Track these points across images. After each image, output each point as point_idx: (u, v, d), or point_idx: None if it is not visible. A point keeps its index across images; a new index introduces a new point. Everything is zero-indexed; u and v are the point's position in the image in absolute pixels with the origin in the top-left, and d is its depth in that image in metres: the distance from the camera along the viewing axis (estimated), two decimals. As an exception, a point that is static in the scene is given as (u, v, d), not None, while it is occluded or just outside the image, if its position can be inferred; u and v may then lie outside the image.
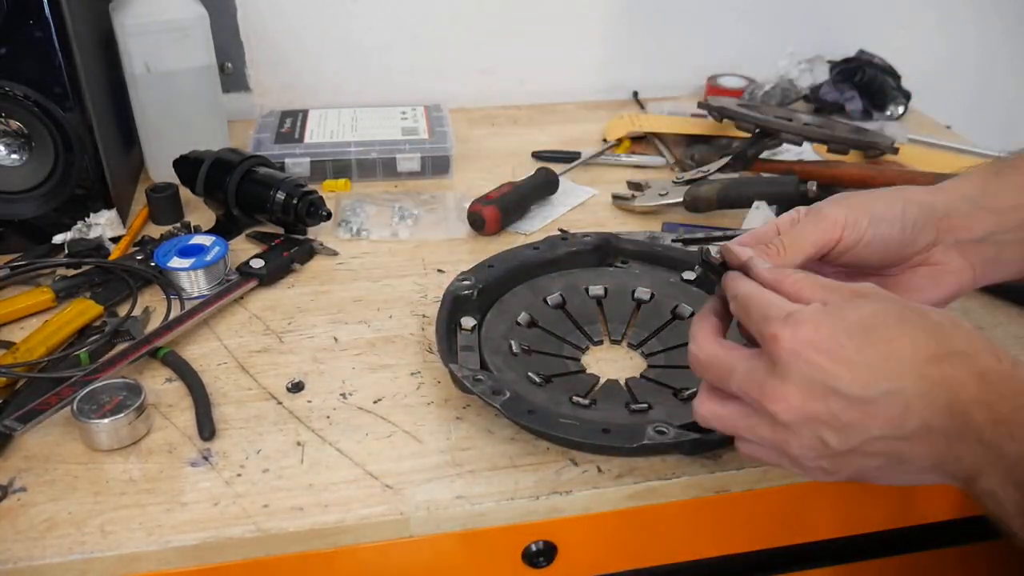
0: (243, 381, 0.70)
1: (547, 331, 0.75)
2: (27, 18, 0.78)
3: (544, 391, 0.67)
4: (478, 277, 0.76)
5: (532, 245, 0.81)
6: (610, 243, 0.82)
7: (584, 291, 0.79)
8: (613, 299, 0.78)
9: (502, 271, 0.77)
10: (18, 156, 0.86)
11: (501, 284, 0.77)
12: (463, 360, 0.68)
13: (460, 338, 0.71)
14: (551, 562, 0.64)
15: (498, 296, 0.76)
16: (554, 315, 0.77)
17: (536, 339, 0.74)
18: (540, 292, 0.78)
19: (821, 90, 1.24)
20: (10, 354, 0.70)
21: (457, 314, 0.72)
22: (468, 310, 0.73)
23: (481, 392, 0.62)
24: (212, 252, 0.83)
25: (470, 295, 0.74)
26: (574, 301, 0.78)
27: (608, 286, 0.79)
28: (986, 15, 1.38)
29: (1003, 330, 0.77)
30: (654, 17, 1.28)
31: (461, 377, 0.64)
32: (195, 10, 0.97)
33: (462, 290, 0.74)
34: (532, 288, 0.78)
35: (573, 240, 0.82)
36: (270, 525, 0.57)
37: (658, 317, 0.76)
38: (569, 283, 0.79)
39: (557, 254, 0.80)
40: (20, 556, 0.54)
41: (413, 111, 1.13)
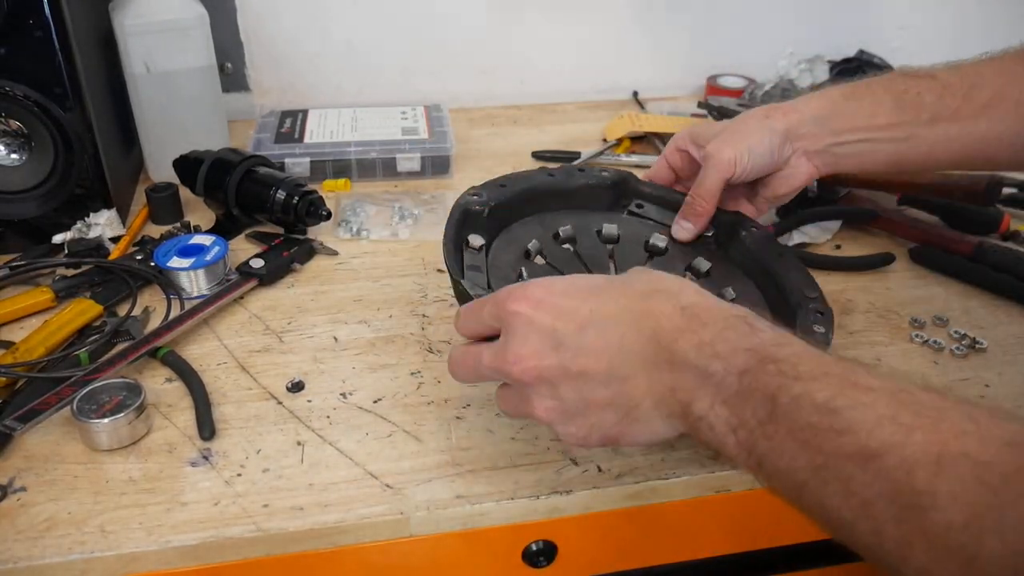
0: (243, 381, 0.70)
1: (555, 268, 0.71)
2: (27, 18, 0.78)
3: None
4: (490, 194, 0.71)
5: (547, 171, 0.77)
6: (628, 182, 0.78)
7: (596, 233, 0.75)
8: (625, 245, 0.75)
9: (513, 192, 0.73)
10: (18, 156, 0.86)
11: (512, 207, 0.72)
12: (469, 279, 0.63)
13: (467, 256, 0.66)
14: (551, 562, 0.64)
15: (507, 223, 0.72)
16: (564, 253, 0.73)
17: (544, 273, 0.69)
18: (550, 226, 0.74)
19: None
20: (10, 354, 0.70)
21: (465, 230, 0.68)
22: (476, 228, 0.69)
23: None
24: (212, 252, 0.83)
25: (481, 212, 0.69)
26: (585, 241, 0.74)
27: (621, 232, 0.75)
28: (986, 15, 1.38)
29: (1003, 330, 0.78)
30: (654, 17, 1.28)
31: (474, 295, 0.59)
32: (195, 10, 0.97)
33: (473, 205, 0.69)
34: (542, 222, 0.74)
35: (590, 173, 0.78)
36: (270, 525, 0.57)
37: (671, 271, 0.72)
38: (581, 223, 0.75)
39: (572, 184, 0.76)
40: (20, 556, 0.54)
41: (413, 111, 1.13)
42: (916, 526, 0.37)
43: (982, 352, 0.75)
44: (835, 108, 0.72)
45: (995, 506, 0.35)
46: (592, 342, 0.47)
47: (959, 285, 0.84)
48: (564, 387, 0.48)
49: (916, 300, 0.82)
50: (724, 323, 0.46)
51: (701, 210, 0.73)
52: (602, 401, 0.48)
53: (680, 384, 0.46)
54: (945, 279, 0.85)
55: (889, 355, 0.74)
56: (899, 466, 0.38)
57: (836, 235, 0.92)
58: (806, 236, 0.90)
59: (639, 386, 0.47)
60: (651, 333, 0.47)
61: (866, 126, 0.70)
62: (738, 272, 0.72)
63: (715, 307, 0.48)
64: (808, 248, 0.90)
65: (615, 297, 0.49)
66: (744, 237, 0.74)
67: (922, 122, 0.69)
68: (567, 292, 0.50)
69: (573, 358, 0.47)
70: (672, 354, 0.46)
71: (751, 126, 0.72)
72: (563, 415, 0.49)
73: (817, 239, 0.91)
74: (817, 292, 0.67)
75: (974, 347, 0.75)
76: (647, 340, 0.47)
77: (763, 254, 0.72)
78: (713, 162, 0.72)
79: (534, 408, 0.50)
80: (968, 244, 0.87)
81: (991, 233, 0.92)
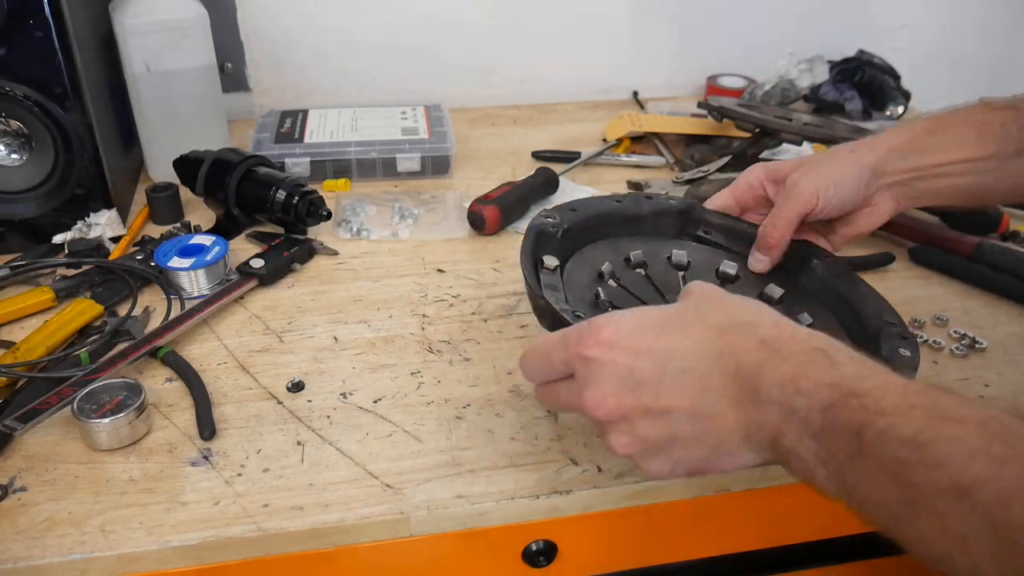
0: (243, 381, 0.70)
1: (629, 291, 0.70)
2: (27, 18, 0.78)
3: None
4: (562, 217, 0.71)
5: (615, 197, 0.77)
6: (694, 210, 0.77)
7: (666, 259, 0.75)
8: (695, 273, 0.74)
9: (584, 216, 0.72)
10: (18, 156, 0.86)
11: (583, 231, 0.72)
12: (548, 295, 0.62)
13: (542, 276, 0.65)
14: (551, 561, 0.64)
15: (578, 246, 0.72)
16: (636, 277, 0.72)
17: (619, 296, 0.69)
18: (621, 252, 0.74)
19: (821, 90, 1.24)
20: (10, 354, 0.70)
21: (539, 251, 0.68)
22: (550, 249, 0.69)
23: None
24: (212, 252, 0.83)
25: (555, 233, 0.69)
26: (655, 267, 0.74)
27: (691, 259, 0.75)
28: (987, 15, 1.38)
29: (1003, 330, 0.78)
30: (654, 17, 1.28)
31: (560, 310, 0.59)
32: (195, 10, 0.97)
33: (547, 226, 0.69)
34: (612, 247, 0.73)
35: (657, 200, 0.78)
36: (270, 525, 0.57)
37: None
38: (650, 249, 0.75)
39: (640, 211, 0.76)
40: (20, 556, 0.54)
41: (413, 111, 1.13)
42: (1013, 562, 0.36)
43: (982, 352, 0.75)
44: (918, 142, 0.70)
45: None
46: (673, 381, 0.47)
47: (959, 285, 0.84)
48: (647, 425, 0.48)
49: (916, 300, 0.82)
50: (805, 356, 0.45)
51: (774, 241, 0.70)
52: (688, 437, 0.47)
53: (767, 420, 0.45)
54: (945, 279, 0.85)
55: (889, 355, 0.74)
56: (995, 501, 0.37)
57: (836, 235, 0.92)
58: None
59: (727, 423, 0.46)
60: (733, 371, 0.46)
61: (950, 160, 0.69)
62: (812, 300, 0.72)
63: (794, 339, 0.47)
64: (808, 248, 0.90)
65: (691, 333, 0.48)
66: (815, 266, 0.72)
67: (1008, 155, 0.68)
68: (638, 330, 0.48)
69: (656, 398, 0.47)
70: (756, 392, 0.45)
71: (838, 160, 0.70)
72: (645, 451, 0.49)
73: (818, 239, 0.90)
74: (896, 318, 0.66)
75: (974, 347, 0.75)
76: (730, 378, 0.46)
77: (837, 282, 0.71)
78: (794, 194, 0.69)
79: (613, 444, 0.49)
80: (968, 244, 0.87)
81: (991, 233, 0.92)
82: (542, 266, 0.66)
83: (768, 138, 1.01)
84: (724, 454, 0.47)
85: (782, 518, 0.68)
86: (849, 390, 0.43)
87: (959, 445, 0.39)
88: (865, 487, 0.41)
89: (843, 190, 0.69)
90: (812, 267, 0.72)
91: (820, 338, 0.47)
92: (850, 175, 0.69)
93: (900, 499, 0.40)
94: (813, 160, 0.71)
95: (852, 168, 0.69)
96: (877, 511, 0.41)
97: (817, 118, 1.13)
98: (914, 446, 0.40)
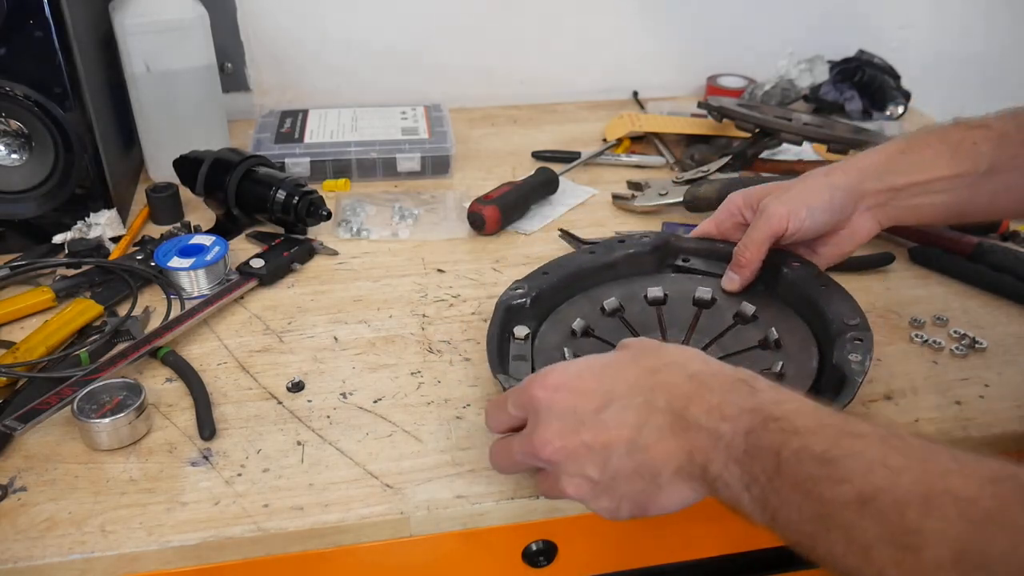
0: (243, 381, 0.70)
1: (602, 340, 0.72)
2: (27, 18, 0.78)
3: None
4: (531, 285, 0.73)
5: (588, 248, 0.78)
6: (669, 243, 0.78)
7: (643, 297, 0.76)
8: (673, 304, 0.75)
9: (557, 278, 0.74)
10: (18, 156, 0.86)
11: (557, 292, 0.74)
12: (514, 370, 0.65)
13: (512, 347, 0.68)
14: (551, 561, 0.64)
15: (554, 305, 0.74)
16: (611, 323, 0.74)
17: (591, 349, 0.70)
18: (597, 301, 0.75)
19: (821, 90, 1.24)
20: (10, 354, 0.70)
21: (510, 324, 0.70)
22: (522, 319, 0.70)
23: None
24: (212, 252, 0.83)
25: (523, 304, 0.71)
26: (632, 308, 0.75)
27: (668, 291, 0.76)
28: (987, 15, 1.38)
29: (1003, 330, 0.78)
30: (654, 17, 1.28)
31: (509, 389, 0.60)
32: (195, 10, 0.97)
33: (515, 299, 0.71)
34: (589, 298, 0.75)
35: (630, 241, 0.79)
36: (270, 525, 0.57)
37: (720, 321, 0.73)
38: (628, 291, 0.76)
39: (614, 256, 0.77)
40: (20, 556, 0.54)
41: (413, 111, 1.13)
42: (913, 567, 0.38)
43: (982, 352, 0.75)
44: (892, 163, 0.71)
45: (978, 541, 0.36)
46: (611, 418, 0.50)
47: (959, 285, 0.84)
48: (590, 464, 0.50)
49: (916, 300, 0.82)
50: (729, 387, 0.49)
51: (745, 261, 0.72)
52: (628, 471, 0.50)
53: (695, 446, 0.48)
54: (945, 279, 0.85)
55: (889, 355, 0.74)
56: (892, 507, 0.39)
57: (836, 235, 0.92)
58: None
59: (659, 453, 0.49)
60: (665, 404, 0.50)
61: (925, 180, 0.70)
62: (786, 309, 0.72)
63: (720, 373, 0.51)
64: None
65: (627, 375, 0.52)
66: (786, 274, 0.73)
67: (980, 173, 0.69)
68: (581, 375, 0.52)
69: (596, 435, 0.50)
70: (685, 420, 0.49)
71: (810, 184, 0.72)
72: (593, 490, 0.51)
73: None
74: (858, 318, 0.66)
75: (974, 347, 0.75)
76: (662, 411, 0.50)
77: (807, 287, 0.71)
78: (765, 216, 0.71)
79: (564, 487, 0.52)
80: (968, 244, 0.87)
81: (991, 233, 0.92)
82: (513, 337, 0.69)
83: (768, 138, 1.01)
84: (660, 488, 0.50)
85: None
86: (767, 414, 0.46)
87: (861, 459, 0.42)
88: (784, 508, 0.44)
89: (816, 212, 0.70)
90: (783, 275, 0.73)
91: (743, 372, 0.51)
92: (823, 198, 0.70)
93: (813, 515, 0.42)
94: (787, 185, 0.73)
95: (825, 191, 0.71)
96: (795, 530, 0.44)
97: (817, 118, 1.13)
98: (823, 462, 0.43)
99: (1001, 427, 0.66)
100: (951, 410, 0.68)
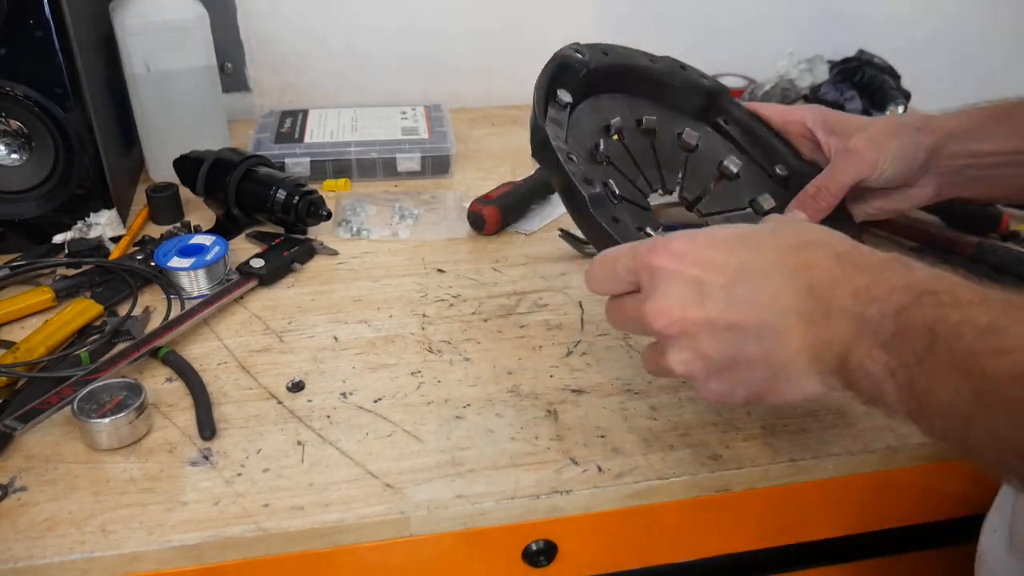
0: (243, 381, 0.70)
1: (629, 152, 0.68)
2: (27, 18, 0.78)
3: (614, 210, 0.60)
4: (591, 56, 0.69)
5: (650, 56, 0.75)
6: (721, 96, 0.76)
7: (677, 135, 0.73)
8: (701, 157, 0.73)
9: (613, 63, 0.70)
10: (18, 156, 0.86)
11: (606, 77, 0.70)
12: (551, 131, 0.61)
13: (550, 109, 0.64)
14: (551, 561, 0.64)
15: (597, 90, 0.70)
16: (642, 142, 0.71)
17: (619, 155, 0.68)
18: (636, 111, 0.72)
19: (821, 90, 1.23)
20: (10, 354, 0.70)
21: (556, 83, 0.66)
22: (568, 84, 0.67)
23: (572, 172, 0.56)
24: (212, 252, 0.83)
25: (578, 70, 0.67)
26: (664, 139, 0.72)
27: (701, 143, 0.73)
28: (987, 15, 1.38)
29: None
30: (654, 18, 1.28)
31: (556, 147, 0.57)
32: (195, 10, 0.97)
33: (573, 60, 0.67)
34: (630, 103, 0.72)
35: (691, 72, 0.77)
36: (270, 524, 0.57)
37: (736, 200, 0.71)
38: (666, 118, 0.73)
39: (670, 79, 0.75)
40: (20, 556, 0.54)
41: (413, 111, 1.13)
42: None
43: (982, 352, 0.75)
44: (982, 129, 0.67)
45: None
46: (743, 295, 0.45)
47: (959, 285, 0.84)
48: (709, 342, 0.46)
49: (916, 300, 0.82)
50: (881, 265, 0.44)
51: (825, 205, 0.67)
52: (753, 357, 0.45)
53: (836, 335, 0.43)
54: (945, 279, 0.85)
55: (889, 355, 0.74)
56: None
57: (836, 235, 0.92)
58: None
59: (793, 341, 0.44)
60: (807, 286, 0.45)
61: (1012, 149, 0.66)
62: None
63: (872, 253, 0.46)
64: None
65: (766, 250, 0.46)
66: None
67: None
68: (712, 244, 0.47)
69: (723, 311, 0.45)
70: (828, 305, 0.44)
71: (901, 133, 0.68)
72: (705, 370, 0.47)
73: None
74: None
75: (974, 347, 0.75)
76: (804, 294, 0.44)
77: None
78: (856, 159, 0.66)
79: (672, 364, 0.47)
80: (968, 244, 0.87)
81: (991, 233, 0.92)
82: (554, 99, 0.64)
83: (768, 138, 1.01)
84: (787, 379, 0.45)
85: (782, 518, 0.68)
86: (923, 289, 0.42)
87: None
88: (936, 390, 0.39)
89: (899, 165, 0.66)
90: None
91: (896, 254, 0.46)
92: (908, 153, 0.67)
93: (971, 395, 0.38)
94: (880, 127, 0.68)
95: (911, 147, 0.67)
96: (948, 415, 0.39)
97: (817, 118, 1.13)
98: (988, 332, 0.38)
99: (1001, 427, 0.66)
100: (951, 410, 0.68)
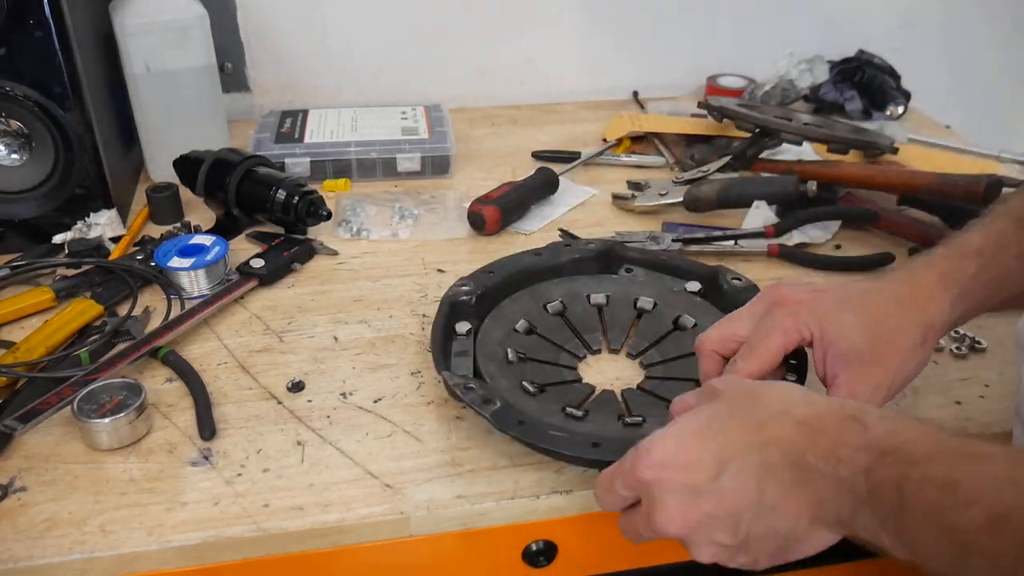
0: (243, 381, 0.70)
1: (545, 338, 0.74)
2: (27, 18, 0.78)
3: (537, 401, 0.66)
4: (477, 283, 0.75)
5: (535, 251, 0.80)
6: (614, 250, 0.80)
7: (586, 298, 0.78)
8: (615, 307, 0.77)
9: (502, 277, 0.76)
10: (18, 156, 0.86)
11: (501, 290, 0.76)
12: (456, 366, 0.67)
13: (455, 344, 0.70)
14: (551, 561, 0.64)
15: (497, 302, 0.75)
16: (553, 322, 0.76)
17: (533, 346, 0.73)
18: (541, 299, 0.77)
19: (821, 90, 1.24)
20: (10, 354, 0.70)
21: (454, 319, 0.72)
22: (466, 315, 0.72)
23: (471, 401, 0.62)
24: (212, 252, 0.83)
25: (468, 301, 0.73)
26: (575, 308, 0.77)
27: (610, 294, 0.78)
28: (987, 15, 1.38)
29: (1003, 330, 0.77)
30: (654, 17, 1.28)
31: (452, 385, 0.63)
32: (195, 10, 0.97)
33: (460, 296, 0.73)
34: (533, 295, 0.77)
35: (576, 247, 0.81)
36: (270, 525, 0.57)
37: (659, 327, 0.75)
38: (571, 290, 0.78)
39: (560, 260, 0.79)
40: (20, 556, 0.54)
41: (413, 111, 1.13)
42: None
43: (982, 352, 0.75)
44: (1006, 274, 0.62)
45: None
46: (730, 484, 0.48)
47: (959, 285, 0.84)
48: (719, 531, 0.49)
49: (916, 300, 0.82)
50: (840, 426, 0.47)
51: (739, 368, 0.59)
52: (760, 533, 0.48)
53: (822, 495, 0.46)
54: (945, 279, 0.85)
55: (889, 355, 0.74)
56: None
57: (836, 235, 0.92)
58: (806, 236, 0.90)
59: (790, 510, 0.47)
60: (780, 458, 0.48)
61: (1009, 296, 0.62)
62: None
63: (827, 412, 0.48)
64: (808, 248, 0.90)
65: (733, 435, 0.49)
66: (727, 290, 0.75)
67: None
68: (682, 444, 0.50)
69: (718, 504, 0.48)
70: (806, 471, 0.47)
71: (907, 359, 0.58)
72: (728, 553, 0.50)
73: (817, 239, 0.91)
74: None
75: (974, 347, 0.75)
76: (781, 467, 0.47)
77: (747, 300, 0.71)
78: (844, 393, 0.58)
79: (698, 556, 0.50)
80: (968, 244, 0.86)
81: (991, 233, 0.91)
82: (456, 334, 0.70)
83: (768, 138, 1.01)
84: (799, 540, 0.48)
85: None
86: (882, 449, 0.44)
87: (987, 479, 0.40)
88: (921, 541, 0.42)
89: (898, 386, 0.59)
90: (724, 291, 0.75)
91: (850, 405, 0.49)
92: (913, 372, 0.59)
93: (950, 545, 0.41)
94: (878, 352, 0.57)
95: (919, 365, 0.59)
96: (939, 561, 0.42)
97: (817, 118, 1.13)
98: (946, 488, 0.41)
99: (1001, 427, 0.66)
100: (951, 410, 0.68)
